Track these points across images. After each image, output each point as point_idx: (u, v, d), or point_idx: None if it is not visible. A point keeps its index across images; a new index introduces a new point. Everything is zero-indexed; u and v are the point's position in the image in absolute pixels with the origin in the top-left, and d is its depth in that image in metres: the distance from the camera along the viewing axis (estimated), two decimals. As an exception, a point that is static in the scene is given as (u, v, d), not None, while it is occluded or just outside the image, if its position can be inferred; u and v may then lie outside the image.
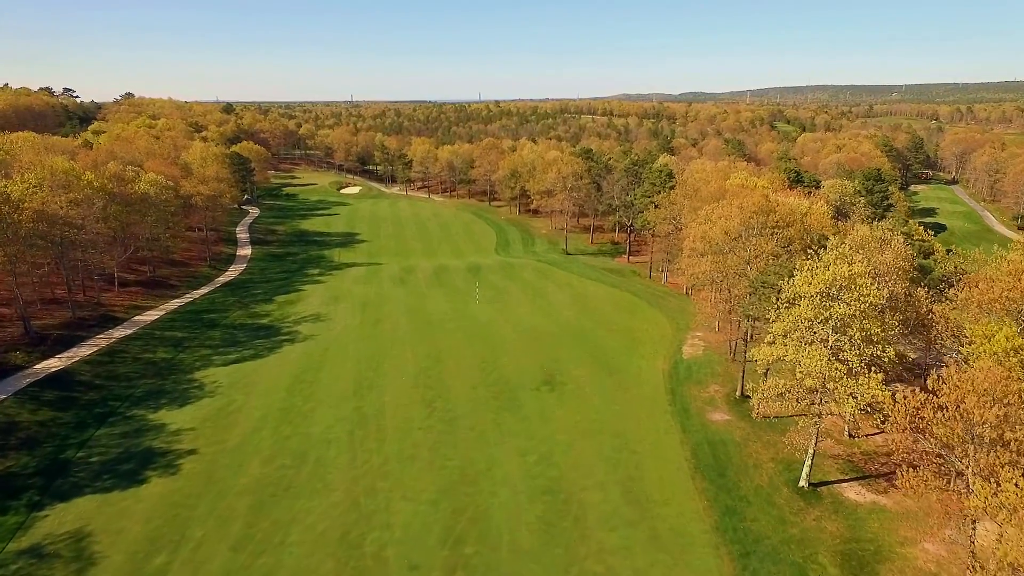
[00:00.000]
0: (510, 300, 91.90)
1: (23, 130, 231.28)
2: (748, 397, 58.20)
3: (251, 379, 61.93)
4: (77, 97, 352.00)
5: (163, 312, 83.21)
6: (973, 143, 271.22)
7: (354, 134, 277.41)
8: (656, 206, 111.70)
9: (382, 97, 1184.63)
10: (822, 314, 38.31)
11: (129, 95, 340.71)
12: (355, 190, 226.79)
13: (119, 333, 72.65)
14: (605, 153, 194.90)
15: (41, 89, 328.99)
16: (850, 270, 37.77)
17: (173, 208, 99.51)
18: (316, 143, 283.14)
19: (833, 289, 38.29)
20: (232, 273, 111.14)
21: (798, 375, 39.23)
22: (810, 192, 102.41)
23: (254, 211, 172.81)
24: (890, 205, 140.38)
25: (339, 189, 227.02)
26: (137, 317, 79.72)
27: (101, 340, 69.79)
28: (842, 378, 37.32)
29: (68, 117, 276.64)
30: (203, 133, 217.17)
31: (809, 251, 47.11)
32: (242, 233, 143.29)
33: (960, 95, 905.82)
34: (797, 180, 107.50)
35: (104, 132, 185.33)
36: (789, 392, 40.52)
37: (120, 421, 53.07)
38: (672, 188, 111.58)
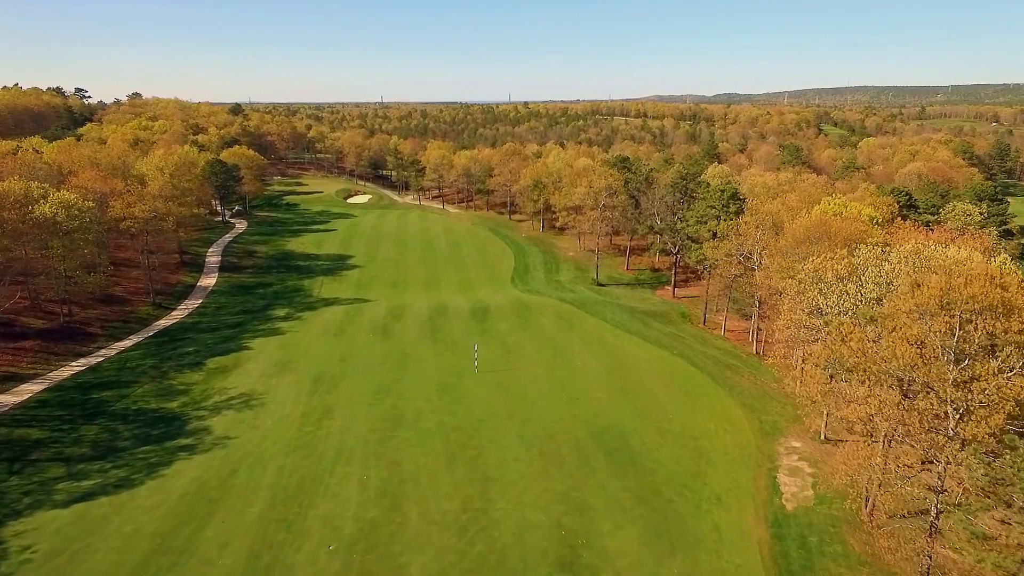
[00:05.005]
0: (521, 368, 67.40)
1: (20, 132, 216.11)
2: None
3: (88, 542, 38.56)
4: (88, 98, 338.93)
5: (42, 386, 60.71)
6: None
7: (367, 137, 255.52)
8: (715, 235, 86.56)
9: (412, 98, 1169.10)
10: None
11: (136, 95, 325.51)
12: (364, 199, 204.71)
13: (-55, 434, 50.27)
14: (642, 160, 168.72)
15: (50, 89, 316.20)
16: None
17: (91, 235, 77.43)
18: (326, 146, 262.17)
19: None
20: (179, 314, 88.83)
21: None
22: (928, 222, 75.77)
23: (241, 225, 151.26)
24: (1009, 231, 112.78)
25: (346, 198, 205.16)
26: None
27: (-94, 450, 47.44)
28: None
29: (71, 118, 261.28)
30: (197, 136, 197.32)
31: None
32: (213, 256, 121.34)
33: (1013, 96, 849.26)
34: (910, 205, 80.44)
35: (81, 135, 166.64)
36: None
37: None
38: (738, 212, 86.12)
